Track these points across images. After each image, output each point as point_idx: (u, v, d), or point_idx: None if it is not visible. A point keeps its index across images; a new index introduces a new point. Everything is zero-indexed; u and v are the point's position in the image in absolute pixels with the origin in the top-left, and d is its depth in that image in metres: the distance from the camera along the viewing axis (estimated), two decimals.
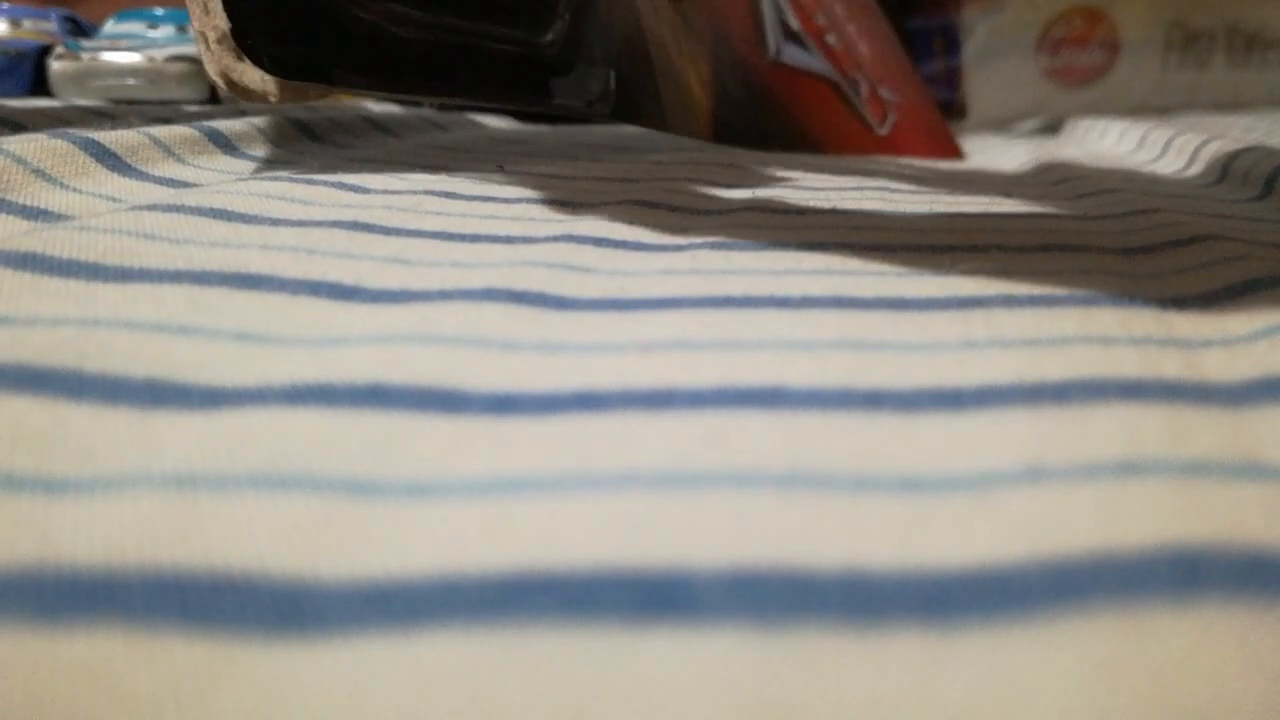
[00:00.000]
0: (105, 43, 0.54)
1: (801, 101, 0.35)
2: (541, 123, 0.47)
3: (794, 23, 0.36)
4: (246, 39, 0.21)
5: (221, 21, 0.22)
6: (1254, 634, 0.07)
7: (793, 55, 0.35)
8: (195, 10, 0.22)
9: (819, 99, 0.36)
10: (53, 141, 0.19)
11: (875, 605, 0.07)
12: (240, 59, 0.23)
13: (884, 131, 0.38)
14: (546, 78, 0.25)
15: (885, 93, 0.39)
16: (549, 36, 0.25)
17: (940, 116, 0.42)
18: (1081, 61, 0.59)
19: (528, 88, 0.25)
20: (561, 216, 0.20)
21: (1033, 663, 0.07)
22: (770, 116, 0.34)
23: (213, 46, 0.22)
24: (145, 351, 0.11)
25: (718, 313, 0.14)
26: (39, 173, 0.18)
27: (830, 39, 0.37)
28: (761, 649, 0.07)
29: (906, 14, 0.64)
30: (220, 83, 0.23)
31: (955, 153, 0.40)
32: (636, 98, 0.27)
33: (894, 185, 0.26)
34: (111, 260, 0.14)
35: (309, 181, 0.21)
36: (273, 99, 0.23)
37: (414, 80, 0.23)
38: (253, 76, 0.23)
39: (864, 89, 0.38)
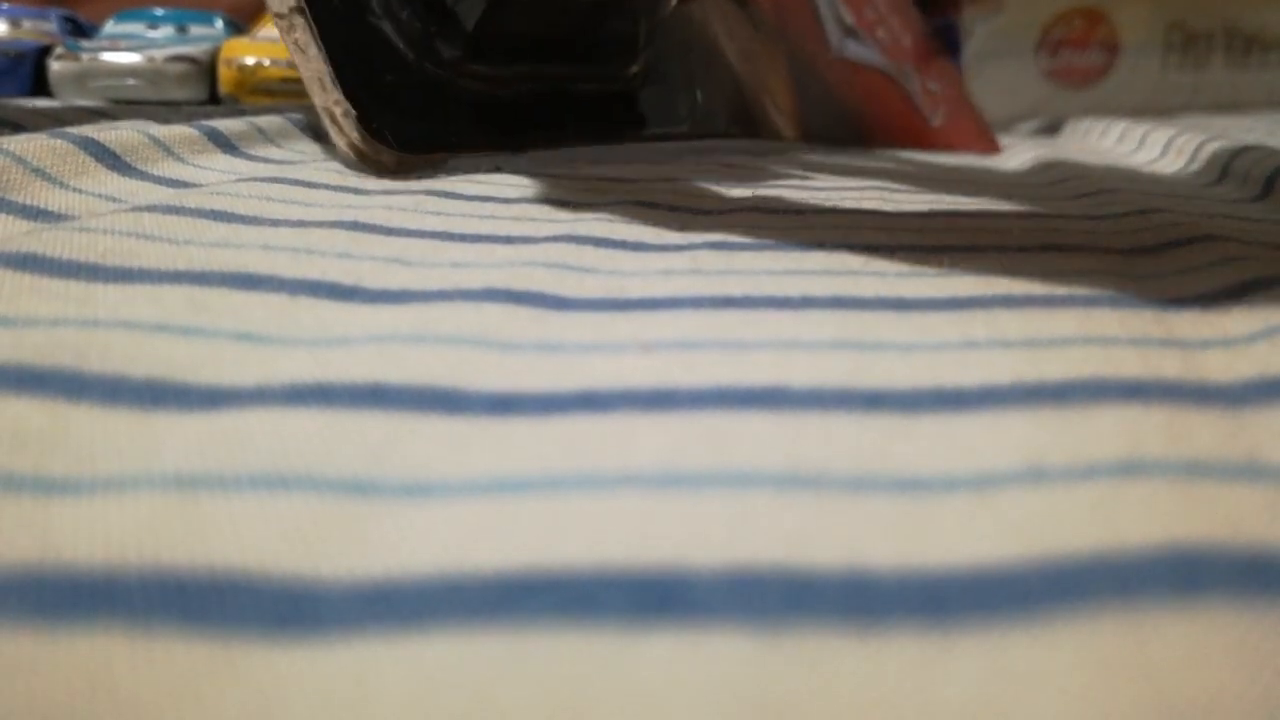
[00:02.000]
0: (105, 43, 0.54)
1: (866, 96, 0.36)
2: None
3: (849, 18, 0.37)
4: (371, 122, 0.22)
5: (344, 101, 0.23)
6: (1254, 634, 0.07)
7: (854, 51, 0.36)
8: (315, 89, 0.23)
9: (881, 93, 0.37)
10: (52, 141, 0.19)
11: (875, 605, 0.07)
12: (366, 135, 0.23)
13: (937, 123, 0.39)
14: (637, 108, 0.27)
15: (932, 85, 0.39)
16: (634, 69, 0.26)
17: (977, 109, 0.43)
18: (1081, 62, 0.59)
19: (622, 121, 0.26)
20: (561, 216, 0.20)
21: (1032, 663, 0.07)
22: (841, 112, 0.34)
23: (340, 121, 0.23)
24: (145, 352, 0.11)
25: (718, 313, 0.14)
26: (39, 172, 0.18)
27: (880, 32, 0.38)
28: (761, 649, 0.07)
29: None
30: (352, 155, 0.24)
31: (994, 146, 0.41)
32: (733, 111, 0.28)
33: (894, 185, 0.26)
34: (111, 261, 0.14)
35: (309, 183, 0.21)
36: (391, 172, 0.24)
37: (523, 135, 0.25)
38: (380, 150, 0.24)
39: (915, 81, 0.38)
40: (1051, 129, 0.55)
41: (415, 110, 0.24)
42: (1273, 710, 0.06)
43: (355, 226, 0.17)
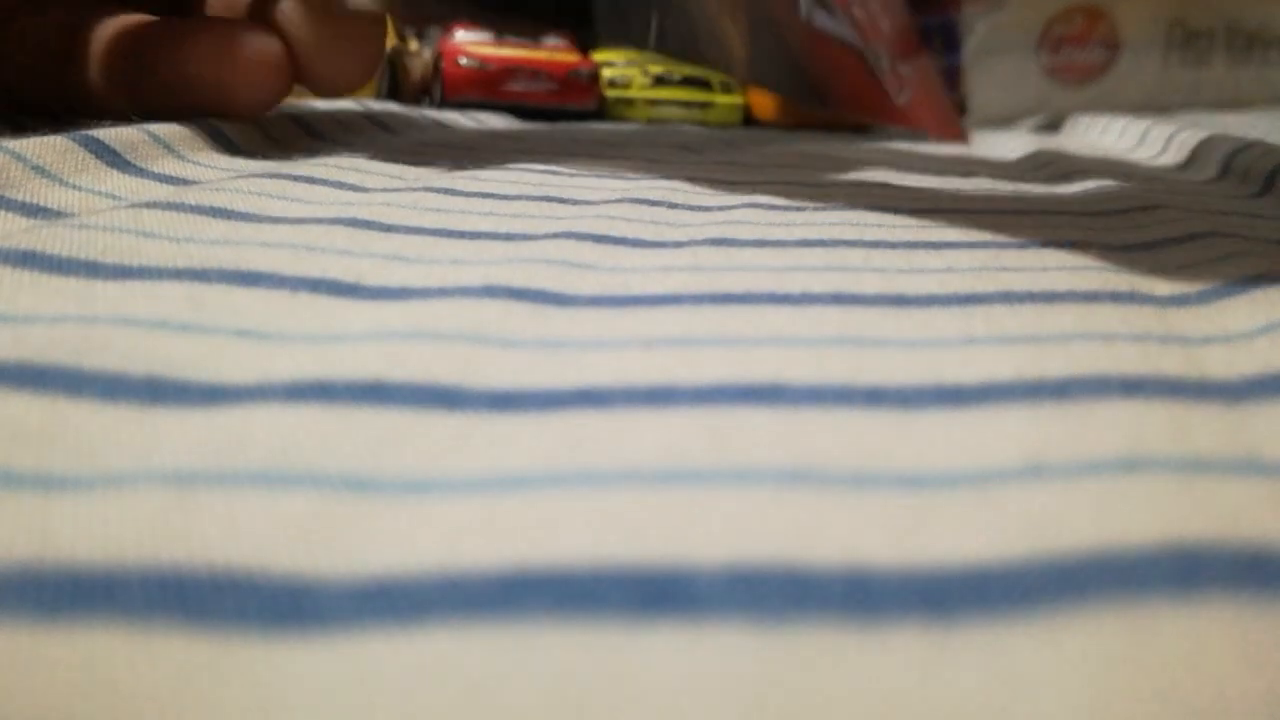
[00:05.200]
0: None
1: (829, 62, 0.37)
2: (540, 120, 0.48)
3: None
4: None
5: None
6: (1255, 630, 0.07)
7: (823, 20, 0.37)
8: None
9: (847, 63, 0.37)
10: (52, 138, 0.19)
11: (876, 602, 0.07)
12: None
13: (902, 101, 0.39)
14: (592, 12, 0.27)
15: (903, 68, 0.40)
16: None
17: (949, 101, 0.44)
18: (1082, 59, 0.59)
19: (578, 18, 0.27)
20: (561, 213, 0.20)
21: (1033, 659, 0.07)
22: (802, 72, 0.35)
23: None
24: (145, 348, 0.11)
25: (718, 309, 0.14)
26: (38, 169, 0.18)
27: (856, 11, 0.39)
28: (762, 645, 0.07)
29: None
30: None
31: (960, 136, 0.42)
32: (681, 38, 0.29)
33: (894, 181, 0.26)
34: (111, 258, 0.14)
35: (309, 180, 0.21)
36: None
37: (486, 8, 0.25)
38: None
39: (885, 61, 0.39)
40: (1052, 126, 0.55)
41: None
42: (1275, 706, 0.06)
43: (355, 223, 0.17)
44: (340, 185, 0.21)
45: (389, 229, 0.17)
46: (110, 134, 0.21)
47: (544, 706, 0.07)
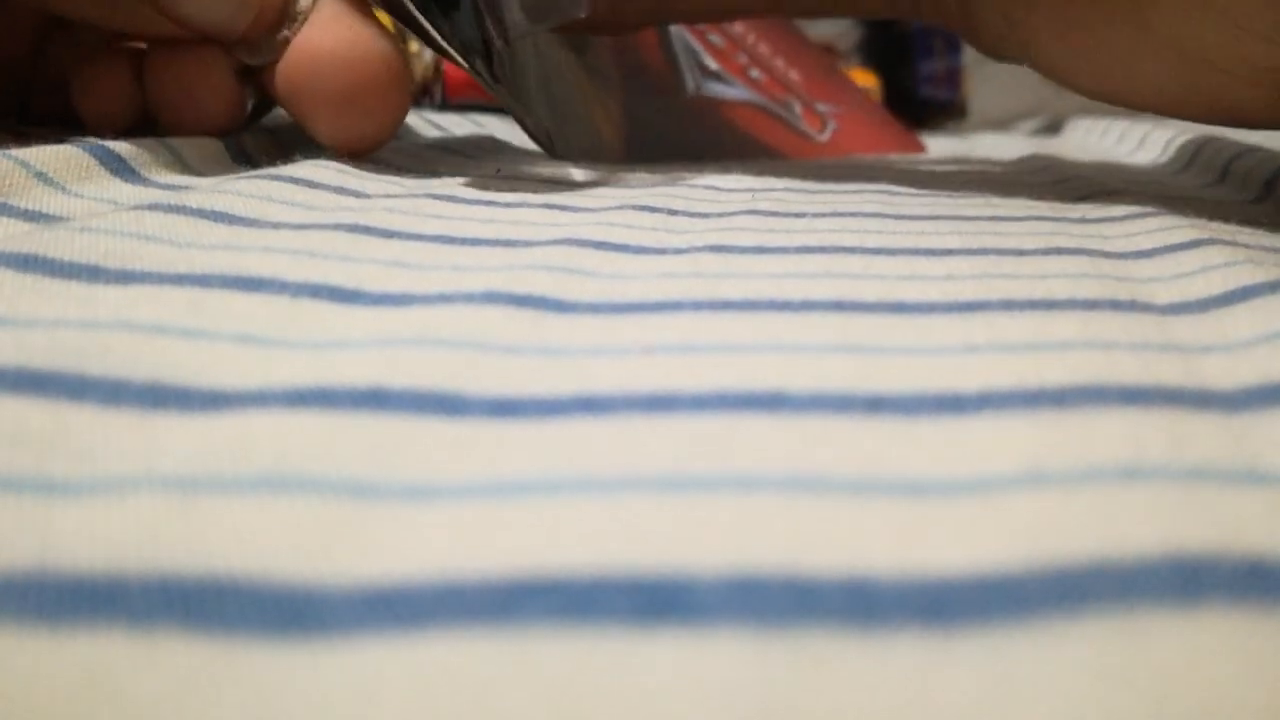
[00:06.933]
0: None
1: (729, 123, 0.38)
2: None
3: (712, 64, 0.39)
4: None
5: None
6: (1254, 640, 0.07)
7: (714, 89, 0.39)
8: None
9: (747, 119, 0.39)
10: (56, 146, 0.19)
11: (876, 609, 0.07)
12: None
13: (824, 139, 0.41)
14: (504, 75, 0.28)
15: (822, 106, 0.42)
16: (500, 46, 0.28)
17: (889, 117, 0.46)
18: None
19: (491, 71, 0.28)
20: (561, 220, 0.20)
21: (1033, 668, 0.07)
22: (697, 139, 0.37)
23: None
24: (146, 353, 0.11)
25: (718, 316, 0.14)
26: (41, 176, 0.18)
27: (754, 73, 0.41)
28: (762, 653, 0.07)
29: None
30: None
31: (912, 146, 0.43)
32: (561, 133, 0.31)
33: (894, 188, 0.26)
34: (113, 262, 0.14)
35: (310, 185, 0.21)
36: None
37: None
38: None
39: (797, 107, 0.41)
40: (1052, 128, 0.55)
41: None
42: (1274, 716, 0.06)
43: (356, 229, 0.17)
44: (341, 191, 0.21)
45: (390, 235, 0.17)
46: (118, 144, 0.21)
47: (544, 714, 0.07)
